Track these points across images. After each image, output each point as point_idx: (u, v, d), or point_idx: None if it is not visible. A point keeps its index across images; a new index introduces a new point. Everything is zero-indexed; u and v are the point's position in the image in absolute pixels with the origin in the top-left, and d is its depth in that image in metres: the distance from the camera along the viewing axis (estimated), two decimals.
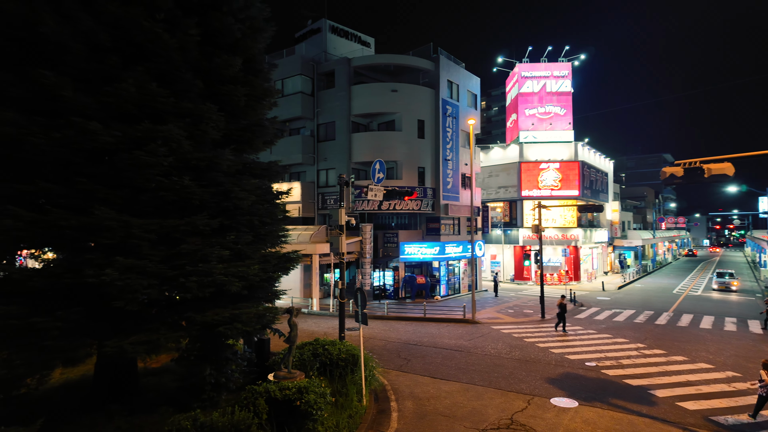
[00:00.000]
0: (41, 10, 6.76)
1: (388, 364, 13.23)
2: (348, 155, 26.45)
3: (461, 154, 29.29)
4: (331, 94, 27.41)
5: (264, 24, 9.96)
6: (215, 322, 7.92)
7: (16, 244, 7.42)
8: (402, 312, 22.14)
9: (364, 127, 28.02)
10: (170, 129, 7.47)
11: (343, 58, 27.42)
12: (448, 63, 28.69)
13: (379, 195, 13.81)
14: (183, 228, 7.94)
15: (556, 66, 38.24)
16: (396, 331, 18.27)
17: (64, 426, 7.77)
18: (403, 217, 27.95)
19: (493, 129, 77.38)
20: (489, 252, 37.53)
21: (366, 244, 24.34)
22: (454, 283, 28.50)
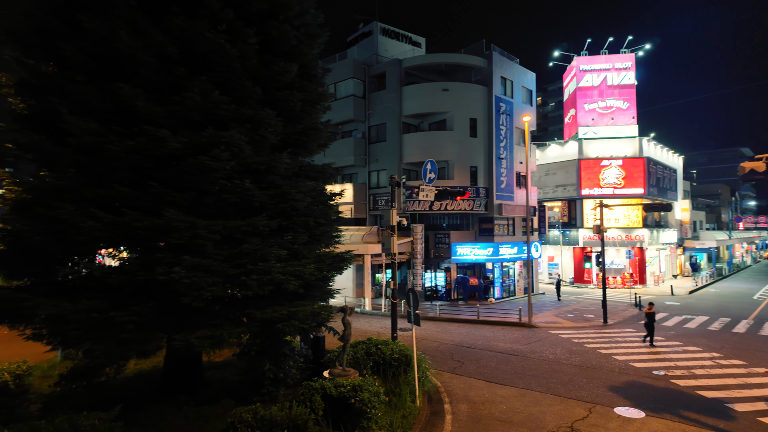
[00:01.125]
0: (118, 28, 7.33)
1: (441, 366, 13.12)
2: (399, 156, 26.53)
3: (516, 152, 28.52)
4: (382, 96, 27.62)
5: (318, 30, 10.22)
6: (274, 319, 8.21)
7: (97, 244, 8.08)
8: (454, 314, 21.88)
9: (414, 127, 27.99)
10: (232, 135, 7.84)
11: (394, 60, 27.55)
12: (501, 59, 28.03)
13: (430, 195, 13.74)
14: (244, 228, 8.31)
15: (617, 57, 36.31)
16: (448, 332, 18.09)
17: (138, 413, 8.35)
18: (455, 217, 27.63)
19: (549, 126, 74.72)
20: (546, 253, 36.22)
21: (417, 244, 24.30)
22: (509, 285, 27.78)
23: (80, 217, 7.02)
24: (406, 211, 25.12)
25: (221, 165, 7.80)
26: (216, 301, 8.65)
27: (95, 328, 7.05)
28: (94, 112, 7.62)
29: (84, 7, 7.64)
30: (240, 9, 8.54)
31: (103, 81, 7.65)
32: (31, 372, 10.48)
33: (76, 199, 7.42)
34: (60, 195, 7.46)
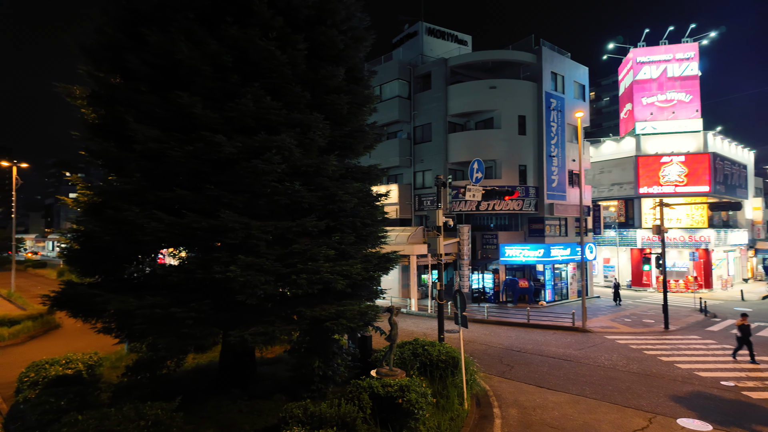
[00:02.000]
0: (178, 40, 7.76)
1: (489, 370, 12.89)
2: (444, 156, 26.31)
3: (568, 149, 27.51)
4: (427, 96, 27.52)
5: (364, 33, 10.34)
6: (323, 317, 8.39)
7: (159, 244, 8.60)
8: (503, 317, 21.41)
9: (461, 126, 27.67)
10: (283, 139, 8.09)
11: (440, 59, 27.36)
12: (551, 54, 27.16)
13: (477, 195, 13.53)
14: (294, 229, 8.55)
15: (679, 48, 34.17)
16: (497, 336, 17.72)
17: (197, 405, 8.79)
18: (503, 217, 27.04)
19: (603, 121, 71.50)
20: (601, 255, 34.67)
21: (464, 245, 23.98)
22: (561, 288, 26.82)
23: (144, 219, 7.49)
24: (452, 212, 24.87)
25: (273, 168, 8.06)
26: (268, 299, 8.96)
27: (158, 323, 7.49)
28: (157, 120, 8.11)
29: (147, 22, 8.16)
30: (289, 16, 8.80)
31: (165, 90, 8.12)
32: (101, 363, 11.30)
33: (140, 201, 7.93)
34: (126, 198, 7.99)
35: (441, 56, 28.23)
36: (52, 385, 9.33)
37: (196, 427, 7.75)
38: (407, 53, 30.34)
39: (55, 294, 8.45)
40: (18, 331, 17.11)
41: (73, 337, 17.20)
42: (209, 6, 8.32)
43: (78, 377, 9.96)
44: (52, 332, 18.65)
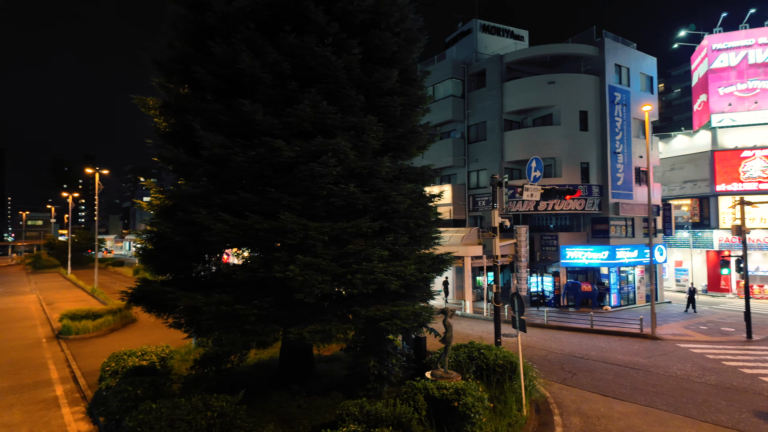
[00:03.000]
0: (240, 50, 8.16)
1: (549, 376, 12.42)
2: (500, 155, 25.69)
3: (634, 145, 25.94)
4: (482, 94, 27.01)
5: (417, 34, 10.34)
6: (377, 317, 8.47)
7: (225, 244, 9.07)
8: (564, 321, 20.55)
9: (517, 124, 26.90)
10: (338, 142, 8.27)
11: (495, 56, 26.77)
12: (614, 45, 25.76)
13: (535, 195, 13.09)
14: (349, 230, 8.70)
15: (762, 32, 31.19)
16: (558, 341, 17.04)
17: (258, 399, 9.17)
18: (564, 218, 25.97)
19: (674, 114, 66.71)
20: (673, 258, 32.35)
21: (521, 247, 23.29)
22: (628, 292, 25.31)
23: (211, 220, 7.94)
24: (508, 212, 24.18)
25: (329, 171, 8.26)
26: (325, 297, 9.18)
27: (223, 319, 7.91)
28: (222, 127, 8.57)
29: (212, 34, 8.65)
30: (344, 21, 8.98)
31: (229, 98, 8.57)
32: (173, 355, 12.10)
33: (207, 204, 8.41)
34: (195, 201, 8.51)
35: (496, 53, 27.60)
36: (129, 374, 10.12)
37: (258, 421, 8.06)
38: (461, 52, 29.95)
39: (132, 290, 9.16)
40: (100, 324, 18.71)
41: (148, 331, 18.54)
42: (269, 16, 8.67)
43: (152, 368, 10.73)
44: (130, 326, 20.22)
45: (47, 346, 16.57)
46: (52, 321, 20.93)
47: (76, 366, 13.69)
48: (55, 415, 9.88)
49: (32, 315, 23.43)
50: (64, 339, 17.44)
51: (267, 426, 7.76)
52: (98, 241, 46.90)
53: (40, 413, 10.01)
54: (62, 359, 14.63)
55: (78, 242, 62.27)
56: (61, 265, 53.91)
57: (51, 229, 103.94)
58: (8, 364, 14.02)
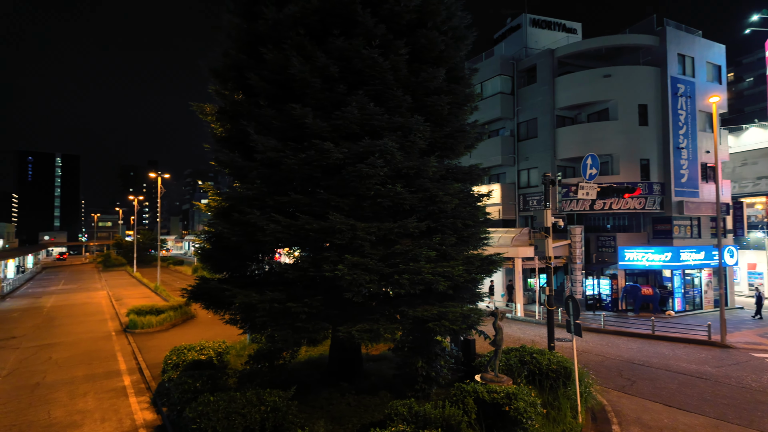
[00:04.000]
0: (291, 56, 8.40)
1: (606, 383, 11.84)
2: (552, 152, 24.83)
3: (700, 139, 24.25)
4: (532, 90, 26.23)
5: (465, 32, 10.20)
6: (425, 317, 8.43)
7: (277, 244, 9.36)
8: (622, 326, 19.53)
9: (570, 120, 25.89)
10: (385, 143, 8.31)
11: (546, 50, 25.91)
12: (677, 34, 24.19)
13: (591, 193, 12.53)
14: (396, 230, 8.72)
15: None
16: (615, 347, 16.22)
17: (309, 395, 9.39)
18: (622, 217, 24.70)
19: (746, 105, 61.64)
20: (745, 260, 29.88)
21: (576, 248, 22.39)
22: (693, 296, 23.66)
23: (265, 221, 8.22)
24: (561, 212, 23.35)
25: (376, 171, 8.32)
26: (373, 297, 9.26)
27: (276, 316, 8.17)
28: (274, 131, 8.86)
29: (264, 41, 8.96)
30: (391, 22, 9.01)
31: (280, 103, 8.84)
32: (228, 351, 12.62)
33: (261, 205, 8.72)
34: (249, 202, 8.85)
35: (547, 47, 26.71)
36: (189, 368, 10.67)
37: (309, 417, 8.26)
38: (510, 48, 29.23)
39: (192, 288, 9.66)
40: (163, 319, 19.87)
41: (206, 327, 19.48)
42: (317, 21, 8.86)
43: (210, 362, 11.25)
44: (189, 321, 21.33)
45: (116, 339, 17.82)
46: (120, 316, 22.48)
47: (141, 358, 14.62)
48: (123, 404, 10.60)
49: (103, 310, 25.28)
50: (130, 333, 18.68)
51: (317, 422, 7.93)
52: (160, 241, 49.87)
53: (111, 401, 10.77)
54: (129, 352, 15.67)
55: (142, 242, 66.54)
56: (128, 264, 57.81)
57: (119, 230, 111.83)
58: (83, 355, 15.21)
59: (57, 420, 9.66)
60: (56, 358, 14.76)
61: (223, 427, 6.91)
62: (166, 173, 41.38)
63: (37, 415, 9.92)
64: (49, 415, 9.91)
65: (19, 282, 41.22)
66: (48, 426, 9.35)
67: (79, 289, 36.19)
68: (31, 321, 22.02)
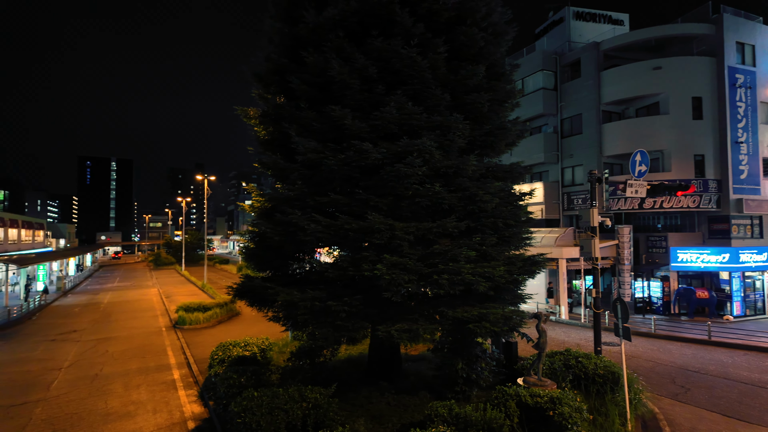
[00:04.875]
0: (331, 58, 8.52)
1: (658, 390, 11.27)
2: (598, 149, 23.92)
3: (761, 133, 22.69)
4: (576, 85, 25.38)
5: (505, 27, 10.00)
6: (465, 318, 8.33)
7: (317, 243, 9.52)
8: (675, 331, 18.53)
9: (617, 115, 24.85)
10: (424, 142, 8.27)
11: (590, 44, 25.01)
12: (735, 21, 22.72)
13: (640, 191, 11.95)
14: (435, 230, 8.66)
15: None
16: (668, 352, 15.41)
17: (350, 393, 9.47)
18: (674, 217, 23.47)
19: None
20: None
21: (624, 248, 21.47)
22: (755, 300, 22.13)
23: (305, 221, 8.38)
24: (608, 211, 22.45)
25: (414, 171, 8.30)
26: (411, 297, 9.24)
27: (317, 315, 8.30)
28: (314, 133, 9.01)
29: (305, 44, 9.14)
30: (429, 21, 8.96)
31: (320, 105, 8.99)
32: (271, 347, 12.95)
33: (302, 206, 8.89)
34: (291, 203, 9.05)
35: (591, 41, 25.76)
36: (234, 363, 11.03)
37: (350, 414, 8.34)
38: (552, 42, 28.41)
39: (237, 286, 9.98)
40: (209, 316, 20.65)
41: (250, 324, 20.09)
42: (356, 23, 8.94)
43: (254, 358, 11.59)
44: (234, 318, 22.06)
45: (166, 334, 18.68)
46: (169, 312, 23.55)
47: (189, 353, 15.25)
48: (173, 396, 11.09)
49: (154, 306, 26.58)
50: (179, 328, 19.54)
51: (357, 420, 7.99)
52: (207, 241, 51.85)
53: (162, 394, 11.30)
54: (178, 347, 16.39)
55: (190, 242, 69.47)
56: (177, 263, 60.50)
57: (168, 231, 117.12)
58: (137, 349, 16.04)
59: (113, 410, 10.23)
60: (112, 352, 15.65)
61: (266, 422, 7.10)
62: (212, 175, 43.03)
63: (95, 405, 10.55)
64: (106, 405, 10.52)
65: (79, 279, 44.05)
66: (105, 415, 9.92)
67: (133, 287, 38.22)
68: (90, 316, 23.46)
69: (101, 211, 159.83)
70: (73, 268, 47.43)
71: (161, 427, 9.27)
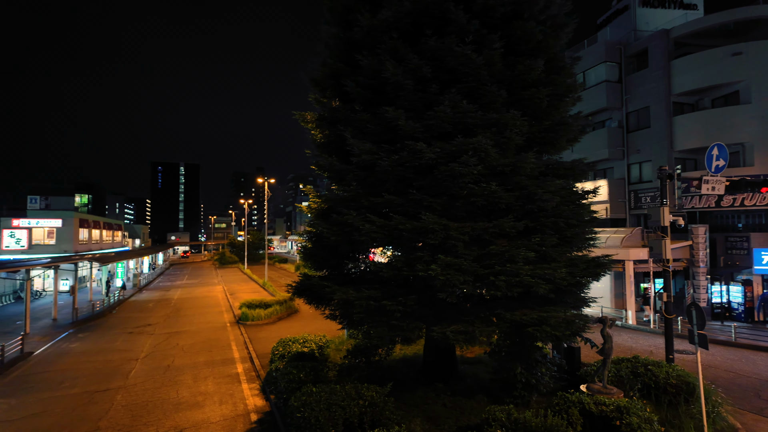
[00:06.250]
0: (385, 60, 8.59)
1: (740, 404, 10.34)
2: (668, 143, 22.35)
3: None
4: (643, 76, 23.85)
5: (565, 19, 9.61)
6: (524, 322, 8.08)
7: (372, 243, 9.62)
8: (760, 339, 16.90)
9: (690, 107, 23.09)
10: (479, 140, 8.12)
11: (659, 31, 23.41)
12: None
13: (718, 188, 11.05)
14: (491, 230, 8.48)
15: None
16: (750, 363, 14.10)
17: (405, 393, 9.49)
18: (757, 215, 21.43)
19: None
20: None
21: (699, 250, 19.92)
22: None
23: (360, 221, 8.50)
24: (681, 209, 20.86)
25: (469, 170, 8.17)
26: (467, 298, 9.10)
27: (372, 313, 8.39)
28: (368, 134, 9.13)
29: (360, 48, 9.28)
30: (485, 17, 8.80)
31: (374, 107, 9.09)
32: (328, 345, 13.26)
33: (357, 206, 9.04)
34: (346, 204, 9.22)
35: (660, 28, 24.10)
36: (293, 359, 11.40)
37: (405, 414, 8.36)
38: (616, 32, 26.88)
39: (296, 284, 10.31)
40: (270, 313, 21.48)
41: (308, 321, 20.68)
42: (410, 23, 8.96)
43: (312, 355, 11.92)
44: (293, 316, 22.80)
45: (230, 329, 19.66)
46: (233, 308, 24.76)
47: (252, 348, 15.95)
48: (237, 389, 11.65)
49: (219, 303, 28.05)
50: (242, 324, 20.48)
51: (413, 420, 8.00)
52: (266, 240, 54.02)
53: (227, 386, 11.90)
54: (241, 341, 17.19)
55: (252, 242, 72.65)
56: (239, 261, 63.50)
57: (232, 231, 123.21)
58: (204, 342, 17.01)
59: (184, 399, 10.91)
60: (182, 345, 16.70)
61: (324, 418, 7.27)
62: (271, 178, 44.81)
63: (168, 394, 11.31)
64: (177, 395, 11.24)
65: (152, 276, 47.41)
66: (177, 404, 10.61)
67: (200, 284, 40.57)
68: (162, 311, 25.18)
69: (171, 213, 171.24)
70: (147, 266, 51.12)
71: (227, 418, 9.77)
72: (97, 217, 43.51)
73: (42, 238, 34.07)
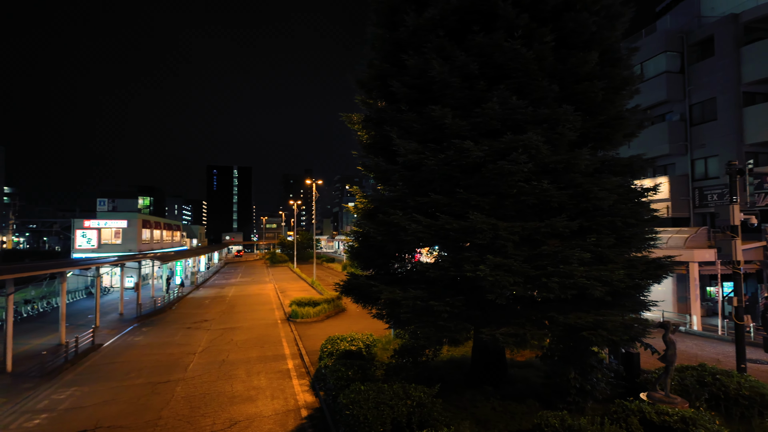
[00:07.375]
0: (431, 59, 8.53)
1: None
2: (737, 137, 20.74)
3: None
4: (707, 66, 22.28)
5: (621, 9, 9.13)
6: (578, 325, 7.76)
7: (418, 243, 9.59)
8: None
9: (762, 96, 21.30)
10: (529, 137, 7.88)
11: (726, 16, 21.78)
12: None
13: None
14: (543, 230, 8.20)
15: None
16: None
17: (453, 395, 9.38)
18: None
19: None
20: None
21: None
22: None
23: (406, 221, 8.49)
24: (753, 207, 19.33)
25: (519, 168, 7.94)
26: (517, 300, 8.85)
27: (419, 314, 8.35)
28: (414, 134, 9.10)
29: (405, 48, 9.28)
30: (534, 10, 8.53)
31: (420, 106, 9.05)
32: (375, 344, 13.34)
33: (403, 206, 9.03)
34: (392, 204, 9.24)
35: (727, 13, 22.40)
36: (341, 357, 11.56)
37: (454, 416, 8.26)
38: (677, 20, 25.27)
39: (343, 283, 10.46)
40: (319, 311, 21.93)
41: (354, 320, 20.92)
42: (456, 21, 8.84)
43: (359, 353, 12.04)
44: (341, 314, 23.15)
45: (281, 326, 20.25)
46: (284, 306, 25.49)
47: (302, 345, 16.34)
48: (288, 385, 11.97)
49: (271, 300, 28.97)
50: (292, 321, 21.04)
51: (463, 423, 7.89)
52: (315, 240, 55.22)
53: (278, 381, 12.26)
54: (292, 338, 17.66)
55: (300, 241, 74.63)
56: (289, 260, 65.32)
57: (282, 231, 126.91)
58: (257, 339, 17.62)
59: (238, 393, 11.35)
60: (236, 340, 17.38)
61: (373, 416, 7.32)
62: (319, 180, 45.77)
63: (223, 387, 11.81)
64: (232, 388, 11.71)
65: (208, 274, 49.72)
66: (231, 398, 11.05)
67: (253, 282, 42.10)
68: (218, 308, 26.33)
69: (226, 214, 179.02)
70: (204, 264, 53.62)
71: (278, 413, 10.06)
72: (158, 218, 46.23)
73: (109, 238, 36.65)
